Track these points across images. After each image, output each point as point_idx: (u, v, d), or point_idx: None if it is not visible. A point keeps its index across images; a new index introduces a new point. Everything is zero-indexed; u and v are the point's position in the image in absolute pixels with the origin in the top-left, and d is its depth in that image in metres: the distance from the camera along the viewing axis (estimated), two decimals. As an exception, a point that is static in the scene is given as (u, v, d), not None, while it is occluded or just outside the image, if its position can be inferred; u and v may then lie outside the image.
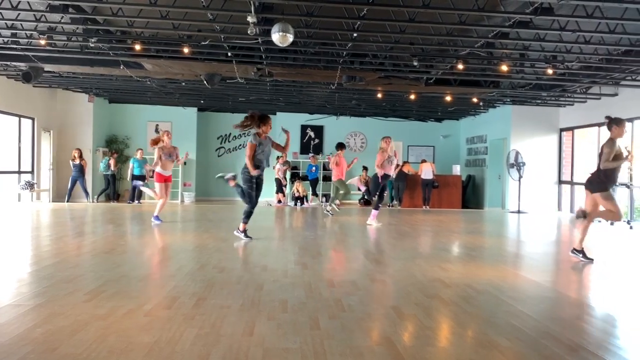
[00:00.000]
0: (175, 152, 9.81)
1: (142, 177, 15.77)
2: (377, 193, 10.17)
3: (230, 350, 3.05)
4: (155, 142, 9.74)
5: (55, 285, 4.58)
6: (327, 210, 12.32)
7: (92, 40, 9.43)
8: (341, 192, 12.48)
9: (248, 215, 7.64)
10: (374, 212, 10.14)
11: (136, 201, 15.63)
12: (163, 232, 8.91)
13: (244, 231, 7.69)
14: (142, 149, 16.12)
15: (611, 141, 6.24)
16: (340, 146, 12.41)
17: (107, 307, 3.88)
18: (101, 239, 7.76)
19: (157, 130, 18.16)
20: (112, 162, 15.99)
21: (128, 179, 15.96)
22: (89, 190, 15.41)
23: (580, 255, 6.44)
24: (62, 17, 8.66)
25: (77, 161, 14.83)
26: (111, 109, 17.89)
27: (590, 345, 3.30)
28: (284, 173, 16.69)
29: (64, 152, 15.91)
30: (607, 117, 6.41)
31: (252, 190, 7.49)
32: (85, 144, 16.14)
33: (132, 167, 15.64)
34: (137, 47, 9.82)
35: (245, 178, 7.52)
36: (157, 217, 9.79)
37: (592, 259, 6.39)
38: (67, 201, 14.85)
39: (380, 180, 10.03)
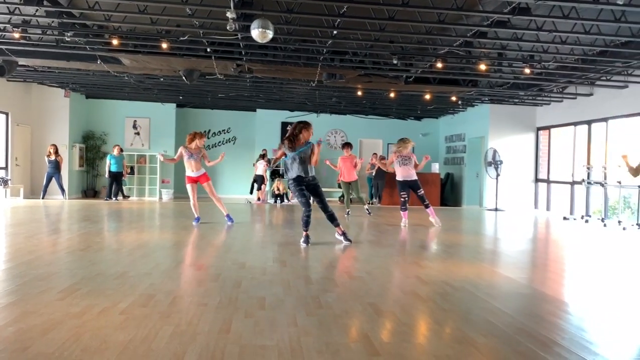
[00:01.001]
0: (201, 153, 9.37)
1: (119, 174, 15.61)
2: (402, 195, 9.95)
3: (206, 348, 3.03)
4: (192, 139, 9.38)
5: (28, 283, 4.50)
6: (366, 209, 12.29)
7: (68, 34, 9.26)
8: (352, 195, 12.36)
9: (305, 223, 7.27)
10: (429, 210, 9.99)
11: (114, 198, 15.44)
12: (140, 229, 8.82)
13: (343, 233, 7.48)
14: (119, 145, 15.95)
15: None
16: (345, 145, 12.07)
17: (81, 306, 3.82)
18: (77, 236, 7.65)
19: (135, 127, 18.01)
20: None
21: (105, 176, 15.79)
22: (65, 187, 15.16)
23: None
24: (36, 10, 8.49)
25: (53, 157, 14.57)
26: (88, 104, 17.62)
27: (563, 341, 3.36)
28: (265, 171, 16.62)
29: (39, 147, 15.65)
30: None
31: (301, 196, 7.18)
32: (62, 139, 15.87)
33: (109, 164, 15.45)
34: (115, 41, 9.69)
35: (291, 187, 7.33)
36: (229, 217, 9.58)
37: None
38: (43, 198, 14.60)
39: (401, 185, 9.96)
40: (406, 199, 10.02)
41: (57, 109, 16.07)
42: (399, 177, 9.97)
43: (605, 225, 11.48)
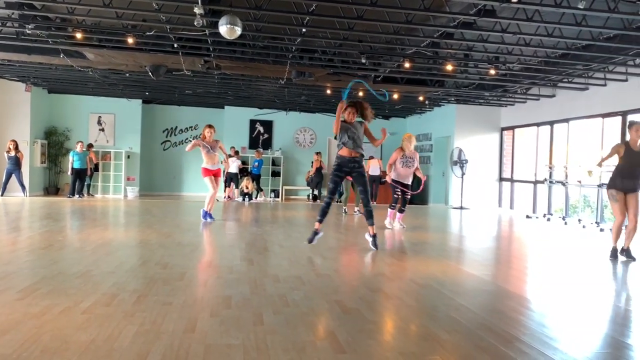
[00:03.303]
0: (217, 145, 9.49)
1: (83, 170, 15.28)
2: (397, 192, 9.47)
3: (170, 348, 2.99)
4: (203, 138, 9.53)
5: (-15, 283, 4.36)
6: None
7: (29, 26, 8.98)
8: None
9: (322, 212, 6.78)
10: (389, 211, 9.62)
11: (77, 195, 15.09)
12: (104, 227, 8.65)
13: (373, 236, 6.87)
14: (82, 142, 15.61)
15: None
16: None
17: (41, 305, 3.72)
18: (38, 235, 7.45)
19: (99, 123, 17.64)
20: (92, 155, 16.04)
21: (68, 173, 15.43)
22: (26, 184, 14.73)
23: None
24: (-5, 1, 8.22)
25: (13, 153, 14.15)
26: (50, 99, 17.15)
27: (525, 337, 3.44)
28: (238, 168, 16.49)
29: (-2, 143, 15.17)
30: None
31: (331, 182, 6.75)
32: (22, 135, 15.41)
33: (72, 161, 15.10)
34: (79, 35, 9.44)
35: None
36: (207, 214, 9.51)
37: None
38: (2, 195, 14.16)
39: (394, 186, 9.46)
40: (399, 196, 9.56)
41: (18, 103, 15.58)
42: (394, 177, 9.45)
43: (566, 223, 11.80)
